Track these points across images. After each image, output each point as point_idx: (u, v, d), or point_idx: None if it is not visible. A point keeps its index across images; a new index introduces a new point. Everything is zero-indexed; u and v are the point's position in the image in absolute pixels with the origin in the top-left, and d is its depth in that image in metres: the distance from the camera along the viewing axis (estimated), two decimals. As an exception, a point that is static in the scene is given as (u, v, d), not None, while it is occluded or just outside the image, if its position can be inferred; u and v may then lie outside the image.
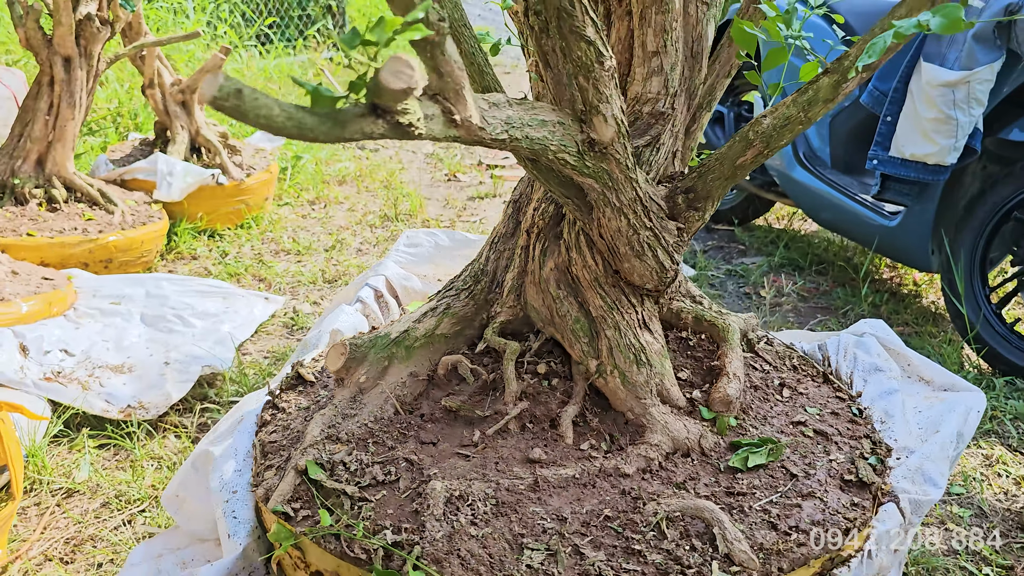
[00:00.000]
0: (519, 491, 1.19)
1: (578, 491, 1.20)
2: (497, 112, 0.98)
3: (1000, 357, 2.44)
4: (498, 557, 1.09)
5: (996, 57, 2.31)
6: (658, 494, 1.20)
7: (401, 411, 1.37)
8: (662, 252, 1.28)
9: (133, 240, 2.71)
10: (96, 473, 1.78)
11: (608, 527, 1.15)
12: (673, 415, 1.30)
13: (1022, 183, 2.46)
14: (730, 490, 1.24)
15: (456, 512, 1.15)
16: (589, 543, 1.12)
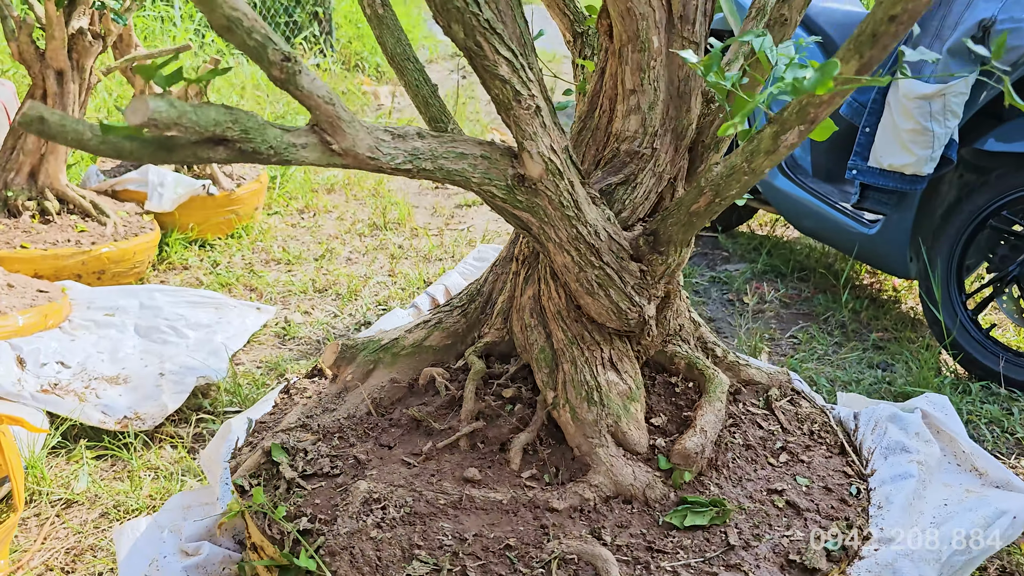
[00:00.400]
0: (437, 505, 1.21)
1: (497, 516, 1.20)
2: (402, 143, 1.04)
3: (976, 362, 2.50)
4: (385, 562, 1.14)
5: (971, 70, 2.38)
6: (569, 534, 1.18)
7: (374, 412, 1.43)
8: (617, 293, 1.25)
9: (126, 251, 2.73)
10: (94, 484, 1.82)
11: (505, 556, 1.16)
12: (624, 459, 1.27)
13: (997, 192, 2.53)
14: (651, 545, 1.19)
15: (368, 513, 1.21)
16: (478, 567, 1.13)
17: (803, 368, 2.50)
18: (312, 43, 7.66)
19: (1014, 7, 2.29)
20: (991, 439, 2.20)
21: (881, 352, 2.68)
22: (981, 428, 2.24)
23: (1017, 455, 2.14)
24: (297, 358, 2.47)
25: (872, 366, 2.58)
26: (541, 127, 1.08)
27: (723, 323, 2.89)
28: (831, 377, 2.48)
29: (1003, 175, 2.53)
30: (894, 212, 2.69)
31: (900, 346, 2.71)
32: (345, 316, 2.78)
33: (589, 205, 1.17)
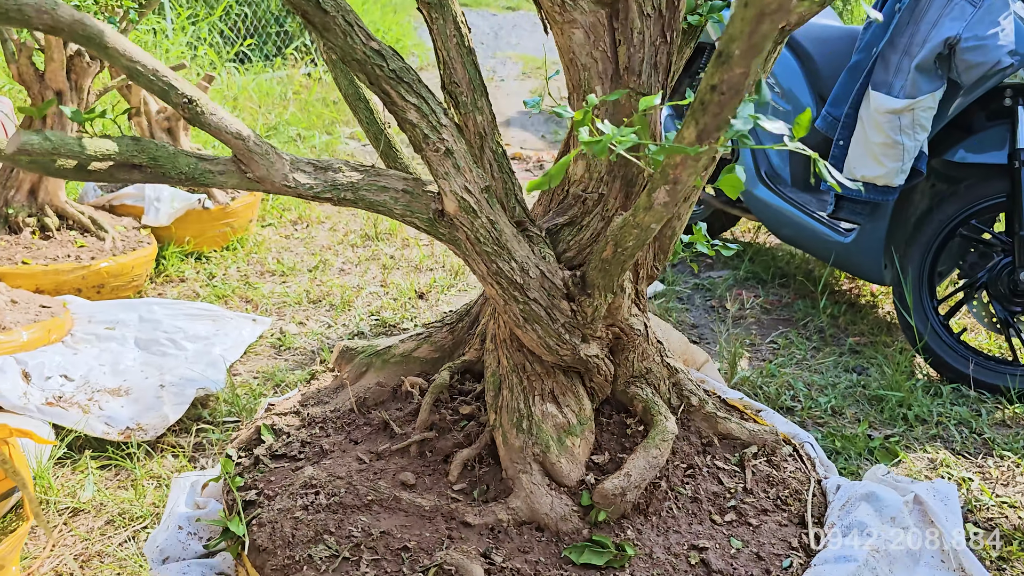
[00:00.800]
0: (364, 500, 1.31)
1: (414, 520, 1.28)
2: (322, 175, 1.16)
3: (947, 365, 2.60)
4: (297, 540, 1.25)
5: (938, 86, 2.48)
6: (460, 548, 1.23)
7: (356, 410, 1.53)
8: (544, 329, 1.27)
9: (124, 265, 2.81)
10: (100, 492, 1.89)
11: (399, 556, 1.23)
12: (547, 488, 1.30)
13: (966, 202, 2.63)
14: (538, 574, 1.22)
15: (302, 496, 1.32)
16: (371, 561, 1.21)
17: (781, 373, 2.60)
18: (303, 52, 7.73)
19: (977, 26, 2.39)
20: (960, 440, 2.30)
21: (857, 356, 2.78)
22: (951, 429, 2.34)
23: (984, 455, 2.24)
24: (293, 368, 2.54)
25: (848, 370, 2.68)
26: (454, 168, 1.14)
27: (705, 329, 2.98)
28: (808, 382, 2.57)
29: (972, 185, 2.63)
30: (868, 221, 2.79)
31: (876, 350, 2.80)
32: (339, 326, 2.86)
33: (519, 243, 1.21)
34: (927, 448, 2.25)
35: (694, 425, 1.47)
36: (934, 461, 2.20)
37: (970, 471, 2.17)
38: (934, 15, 2.47)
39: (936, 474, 2.15)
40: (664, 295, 3.22)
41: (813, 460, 1.55)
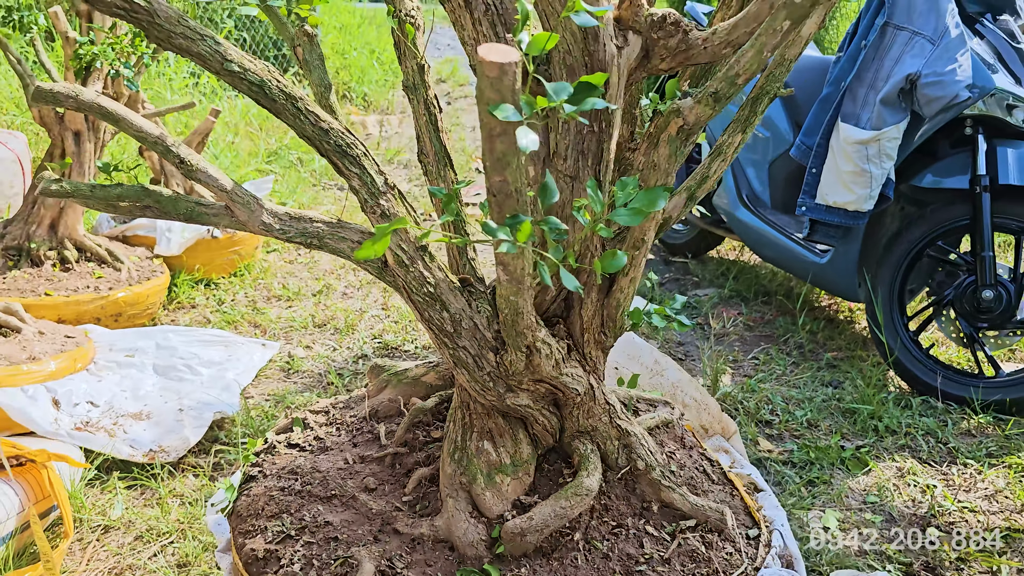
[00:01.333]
0: (329, 494, 1.48)
1: (358, 517, 1.44)
2: (295, 223, 1.35)
3: (917, 379, 2.77)
4: (264, 514, 1.45)
5: (901, 118, 2.66)
6: (373, 549, 1.37)
7: (367, 419, 1.70)
8: (470, 375, 1.35)
9: (140, 295, 2.97)
10: (128, 511, 2.05)
11: (329, 543, 1.39)
12: (468, 515, 1.39)
13: (933, 224, 2.80)
14: None
15: (284, 480, 1.53)
16: (305, 542, 1.39)
17: (761, 388, 2.76)
18: (302, 76, 7.91)
19: (936, 63, 2.57)
20: (926, 449, 2.46)
21: (834, 370, 2.94)
22: (918, 439, 2.50)
23: (948, 463, 2.40)
24: (302, 390, 2.70)
25: (824, 384, 2.84)
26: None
27: (691, 347, 3.15)
28: (786, 396, 2.73)
29: (938, 209, 2.80)
30: (841, 243, 2.96)
31: (851, 364, 2.97)
32: (344, 349, 3.02)
33: (455, 296, 1.33)
34: (895, 457, 2.42)
35: (639, 488, 1.48)
36: (901, 470, 2.37)
37: (935, 478, 2.33)
38: (896, 52, 2.65)
39: (903, 482, 2.31)
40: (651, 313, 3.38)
41: (769, 548, 1.47)
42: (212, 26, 7.50)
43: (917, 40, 2.61)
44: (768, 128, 3.41)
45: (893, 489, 2.28)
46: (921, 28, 2.61)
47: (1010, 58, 2.72)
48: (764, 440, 2.48)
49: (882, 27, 2.70)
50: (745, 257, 4.04)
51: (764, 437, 2.50)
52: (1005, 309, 2.69)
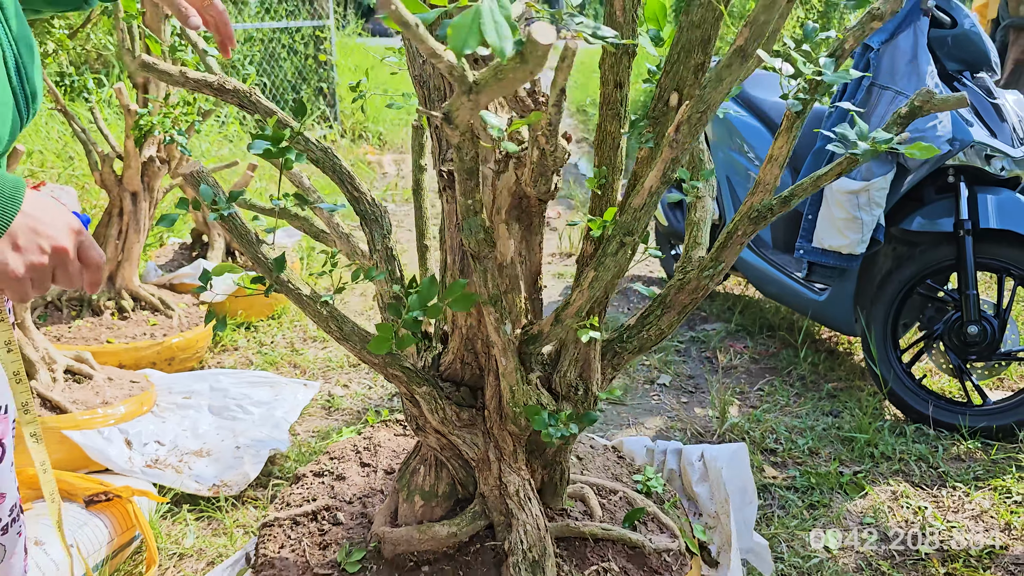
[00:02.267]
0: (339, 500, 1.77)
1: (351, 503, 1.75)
2: None
3: (910, 407, 2.99)
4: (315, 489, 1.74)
5: (888, 170, 2.91)
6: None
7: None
8: (434, 417, 1.50)
9: (191, 340, 3.23)
10: (199, 540, 2.29)
11: (339, 515, 1.69)
12: (387, 515, 1.67)
13: (921, 264, 3.04)
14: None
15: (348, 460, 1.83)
16: (329, 512, 1.67)
17: (766, 419, 2.99)
18: (319, 118, 8.23)
19: (919, 119, 2.81)
20: (918, 473, 2.68)
21: (833, 400, 3.17)
22: (911, 464, 2.72)
23: (939, 486, 2.62)
24: (342, 427, 2.94)
25: (824, 413, 3.07)
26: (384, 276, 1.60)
27: (700, 379, 3.38)
28: (789, 426, 2.96)
29: (926, 250, 3.04)
30: (838, 283, 3.20)
31: (849, 395, 3.20)
32: (378, 387, 3.26)
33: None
34: (890, 482, 2.64)
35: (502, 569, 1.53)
36: (895, 493, 2.59)
37: (926, 500, 2.55)
38: (882, 110, 2.91)
39: (897, 504, 2.53)
40: (663, 348, 3.62)
41: None
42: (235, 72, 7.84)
43: (900, 99, 2.87)
44: (768, 173, 3.65)
45: (887, 511, 2.50)
46: (904, 88, 2.87)
47: (987, 113, 2.96)
48: (769, 467, 2.71)
49: (868, 87, 2.96)
50: (749, 293, 4.28)
51: (769, 464, 2.73)
52: (990, 342, 2.92)
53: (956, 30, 2.97)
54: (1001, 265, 2.93)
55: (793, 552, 2.29)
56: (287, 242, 4.31)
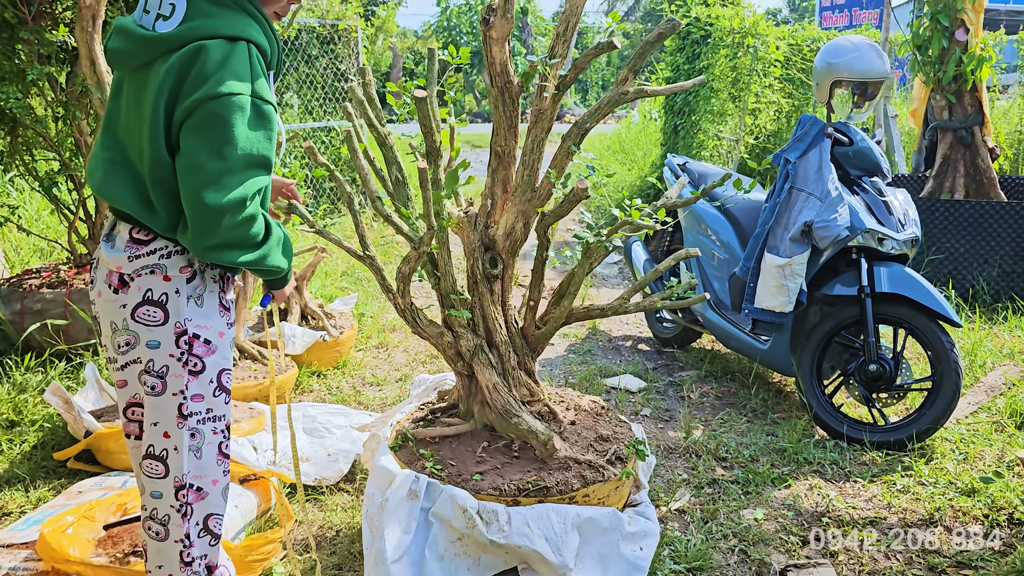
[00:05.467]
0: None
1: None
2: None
3: (830, 427, 3.95)
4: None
5: (804, 250, 3.94)
6: None
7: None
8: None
9: (282, 382, 4.22)
10: (309, 513, 3.25)
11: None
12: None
13: (838, 320, 4.03)
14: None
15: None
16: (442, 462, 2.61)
17: (721, 437, 3.94)
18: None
19: (824, 213, 3.86)
20: (831, 473, 3.63)
21: (775, 425, 4.13)
22: (826, 467, 3.67)
23: (844, 481, 3.56)
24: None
25: (766, 434, 4.03)
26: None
27: (674, 411, 4.35)
28: (738, 442, 3.92)
29: (840, 309, 4.04)
30: (777, 334, 4.20)
31: (789, 421, 4.16)
32: (425, 418, 4.23)
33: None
34: (808, 478, 3.58)
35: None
36: (811, 485, 3.53)
37: (833, 490, 3.49)
38: (799, 207, 3.96)
39: (811, 492, 3.47)
40: (646, 389, 4.61)
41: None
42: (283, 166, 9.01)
43: (811, 199, 3.92)
44: (728, 252, 4.69)
45: (804, 496, 3.44)
46: (813, 190, 3.93)
47: (877, 207, 4.01)
48: (719, 468, 3.66)
49: (789, 190, 4.02)
50: (717, 348, 5.27)
51: (719, 467, 3.69)
52: (888, 377, 3.90)
53: (853, 147, 4.05)
54: (894, 319, 3.92)
55: (731, 521, 3.23)
56: (344, 308, 5.34)
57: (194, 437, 1.99)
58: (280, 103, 9.20)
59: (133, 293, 1.92)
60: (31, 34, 4.19)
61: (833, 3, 15.04)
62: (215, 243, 1.83)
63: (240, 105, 1.80)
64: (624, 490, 2.83)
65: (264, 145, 1.86)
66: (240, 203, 1.81)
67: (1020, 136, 10.99)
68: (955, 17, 6.06)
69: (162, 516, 2.05)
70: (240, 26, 1.88)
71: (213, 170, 1.79)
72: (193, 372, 1.95)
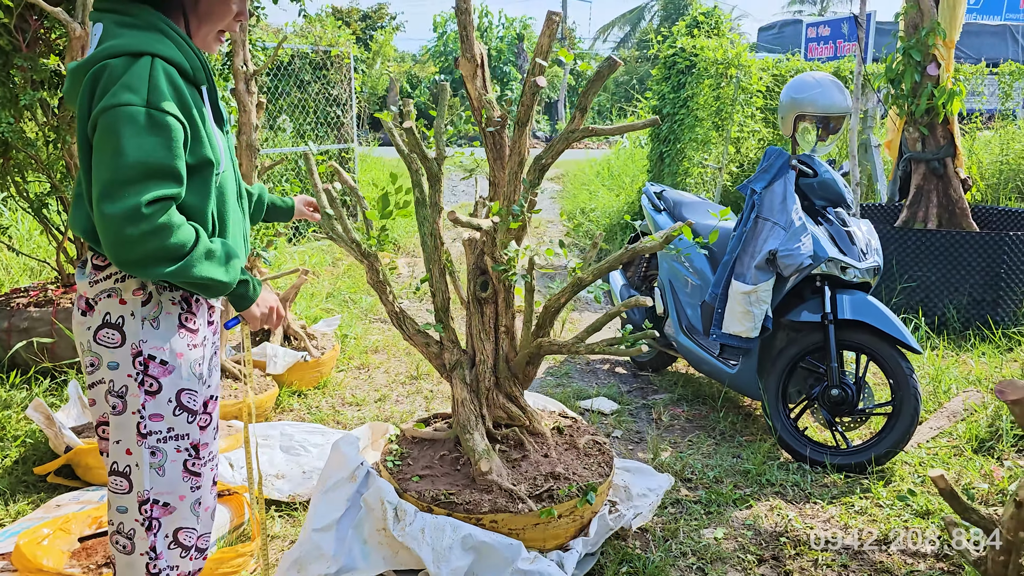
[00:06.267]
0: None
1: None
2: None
3: (794, 450, 4.06)
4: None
5: (769, 277, 4.07)
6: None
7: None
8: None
9: (262, 401, 4.33)
10: (282, 528, 3.34)
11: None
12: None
13: (803, 345, 4.15)
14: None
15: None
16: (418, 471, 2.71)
17: (688, 458, 4.05)
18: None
19: (788, 242, 3.99)
20: (792, 494, 3.73)
21: (742, 448, 4.24)
22: (788, 488, 3.77)
23: (805, 502, 3.66)
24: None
25: (732, 456, 4.13)
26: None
27: (645, 434, 4.45)
28: (704, 463, 4.02)
29: (805, 335, 4.17)
30: (744, 359, 4.31)
31: (755, 444, 4.26)
32: (401, 437, 4.33)
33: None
34: (770, 499, 3.69)
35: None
36: (772, 507, 3.63)
37: (793, 511, 3.59)
38: (764, 235, 4.09)
39: (772, 513, 3.57)
40: (619, 411, 4.71)
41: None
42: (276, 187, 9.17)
43: (776, 228, 4.06)
44: (700, 278, 4.81)
45: (764, 517, 3.54)
46: (777, 220, 4.06)
47: (840, 237, 4.14)
48: (684, 489, 3.77)
49: (755, 219, 4.15)
50: (690, 372, 5.39)
51: (684, 487, 3.79)
52: (851, 402, 4.01)
53: (817, 178, 4.19)
54: (857, 346, 4.04)
55: (691, 540, 3.33)
56: (327, 330, 5.45)
57: (155, 455, 2.07)
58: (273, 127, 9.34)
59: (96, 316, 2.03)
60: (25, 60, 4.33)
61: (818, 34, 15.32)
62: (131, 258, 1.86)
63: (130, 115, 1.81)
64: (556, 530, 2.86)
65: (162, 154, 1.84)
66: (135, 212, 1.80)
67: (1001, 166, 11.20)
68: (927, 52, 6.24)
69: (128, 530, 2.14)
70: (147, 42, 1.90)
71: (107, 180, 1.82)
72: (149, 392, 2.03)
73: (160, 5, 2.02)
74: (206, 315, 2.18)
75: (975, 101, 12.44)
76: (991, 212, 7.03)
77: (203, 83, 2.04)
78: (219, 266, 2.00)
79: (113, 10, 1.97)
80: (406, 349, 5.77)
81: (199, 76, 2.02)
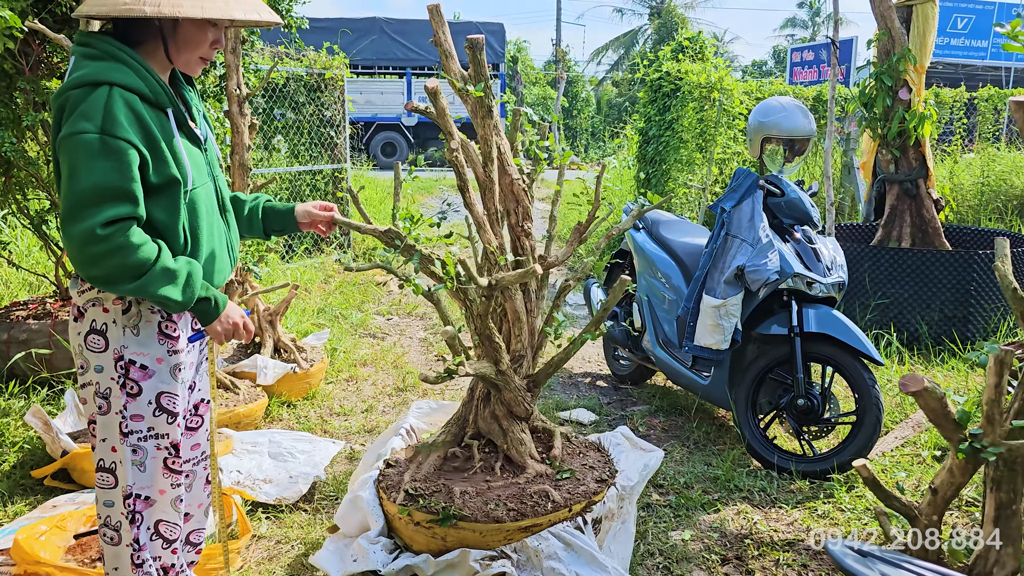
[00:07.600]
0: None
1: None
2: None
3: (763, 458, 4.22)
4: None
5: (737, 292, 4.25)
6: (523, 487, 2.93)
7: (435, 469, 3.16)
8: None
9: (251, 410, 4.49)
10: (268, 529, 3.49)
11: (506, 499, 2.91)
12: (534, 461, 3.02)
13: (771, 357, 4.33)
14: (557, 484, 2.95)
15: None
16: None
17: (666, 467, 4.21)
18: (334, 243, 9.68)
19: (755, 258, 4.18)
20: (759, 499, 3.89)
21: (713, 456, 4.40)
22: (755, 494, 3.94)
23: (770, 507, 3.83)
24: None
25: (704, 464, 4.30)
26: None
27: (622, 443, 4.61)
28: (676, 470, 4.18)
29: (774, 347, 4.34)
30: (716, 371, 4.49)
31: (727, 453, 4.43)
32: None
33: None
34: (737, 504, 3.85)
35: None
36: (739, 511, 3.79)
37: (759, 515, 3.76)
38: (733, 251, 4.28)
39: (738, 517, 3.74)
40: (597, 422, 4.88)
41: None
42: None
43: (743, 245, 4.25)
44: (676, 293, 5.00)
45: (731, 520, 3.70)
46: (745, 237, 4.25)
47: (806, 253, 4.33)
48: (655, 494, 3.93)
49: (724, 236, 4.35)
50: (669, 385, 5.56)
51: (656, 492, 3.95)
52: (817, 412, 4.18)
53: (784, 198, 4.39)
54: (822, 357, 4.22)
55: (659, 541, 3.49)
56: (316, 343, 5.62)
57: (136, 453, 2.25)
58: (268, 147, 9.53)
59: (84, 323, 2.21)
60: (28, 83, 4.52)
61: (803, 59, 15.67)
62: (95, 274, 2.02)
63: (84, 142, 1.94)
64: None
65: (114, 177, 1.96)
66: (90, 233, 1.94)
67: (982, 187, 11.45)
68: (898, 77, 6.47)
69: (114, 523, 2.31)
70: (106, 72, 2.01)
71: (67, 204, 1.98)
72: (130, 395, 2.20)
73: (133, 35, 2.15)
74: (189, 323, 2.32)
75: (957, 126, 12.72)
76: (964, 232, 7.24)
77: (167, 106, 2.14)
78: (175, 286, 2.10)
79: (82, 43, 2.12)
80: (393, 362, 5.94)
81: (161, 100, 2.12)
